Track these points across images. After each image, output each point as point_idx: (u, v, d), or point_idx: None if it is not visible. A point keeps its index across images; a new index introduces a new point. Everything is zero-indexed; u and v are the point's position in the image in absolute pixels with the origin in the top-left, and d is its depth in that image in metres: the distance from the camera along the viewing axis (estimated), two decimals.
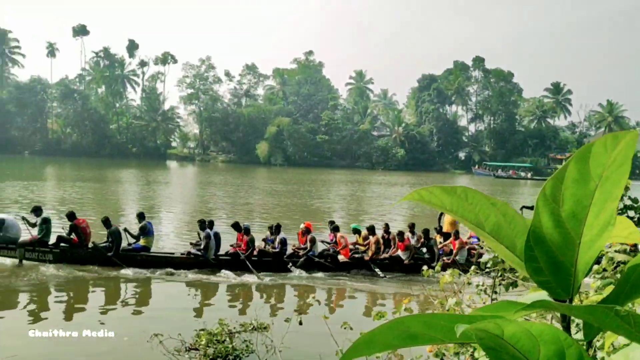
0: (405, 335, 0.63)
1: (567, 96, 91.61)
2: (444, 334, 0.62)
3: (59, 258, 11.36)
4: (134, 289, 10.40)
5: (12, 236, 11.36)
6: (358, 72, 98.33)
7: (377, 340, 0.64)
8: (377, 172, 73.14)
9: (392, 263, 12.07)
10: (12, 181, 32.69)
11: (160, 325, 7.75)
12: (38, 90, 79.50)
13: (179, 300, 9.92)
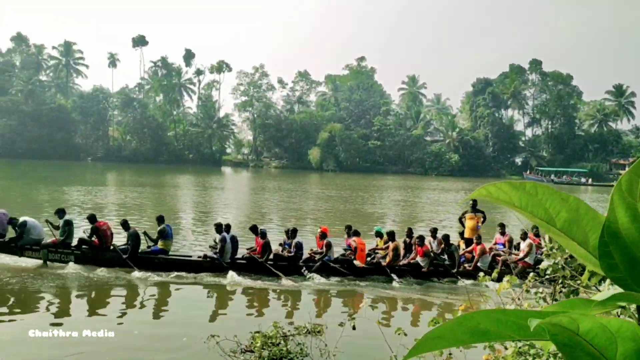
0: (475, 331, 0.62)
1: (630, 99, 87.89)
2: (514, 331, 0.61)
3: (81, 259, 11.63)
4: (150, 291, 10.42)
5: (36, 237, 11.76)
6: (411, 77, 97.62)
7: (446, 336, 0.63)
8: (430, 177, 72.26)
9: (411, 270, 11.73)
10: (76, 186, 34.24)
11: (172, 329, 7.93)
12: (100, 99, 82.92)
13: (193, 302, 9.96)
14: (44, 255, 11.65)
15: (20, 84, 79.79)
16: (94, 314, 8.96)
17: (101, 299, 9.89)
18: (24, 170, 50.20)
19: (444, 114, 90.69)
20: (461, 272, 11.64)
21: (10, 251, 11.78)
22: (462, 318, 0.61)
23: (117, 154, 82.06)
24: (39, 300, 9.44)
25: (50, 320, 8.42)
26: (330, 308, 10.10)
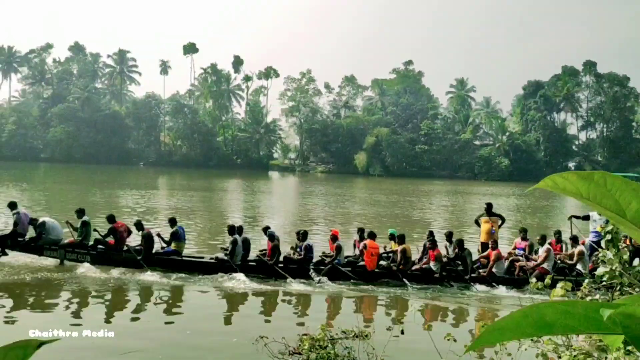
0: (540, 323, 0.61)
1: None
2: (582, 323, 0.59)
3: (96, 260, 11.90)
4: (163, 293, 10.50)
5: (54, 238, 12.11)
6: (459, 80, 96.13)
7: (510, 328, 0.62)
8: (479, 182, 70.92)
9: (423, 275, 11.41)
10: (130, 190, 35.36)
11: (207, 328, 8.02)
12: (152, 105, 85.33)
13: (206, 306, 9.97)
14: (61, 255, 12.04)
15: (77, 91, 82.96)
16: (133, 314, 9.20)
17: (120, 300, 10.07)
18: (80, 175, 52.13)
19: (494, 117, 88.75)
20: (474, 277, 11.32)
21: (30, 250, 12.19)
22: (528, 310, 0.60)
23: (168, 158, 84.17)
24: (57, 300, 9.70)
25: (98, 319, 8.71)
26: (371, 313, 10.04)
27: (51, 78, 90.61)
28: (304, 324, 8.59)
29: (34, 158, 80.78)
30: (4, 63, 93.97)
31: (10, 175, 46.45)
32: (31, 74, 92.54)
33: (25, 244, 12.23)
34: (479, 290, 11.01)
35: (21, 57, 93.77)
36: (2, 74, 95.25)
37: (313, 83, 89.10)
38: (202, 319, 8.99)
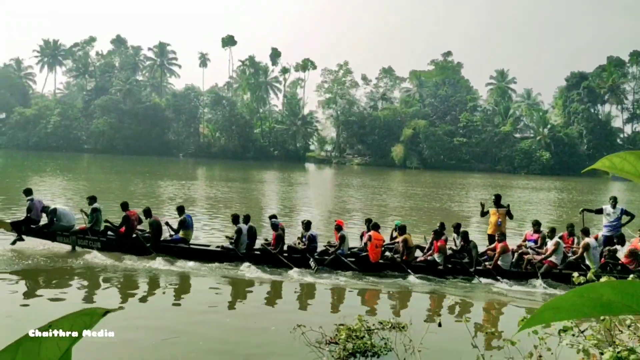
0: (597, 302, 0.59)
1: None
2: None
3: (106, 246, 12.18)
4: (172, 280, 10.61)
5: (66, 224, 12.48)
6: (499, 71, 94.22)
7: (565, 307, 0.60)
8: (519, 176, 69.56)
9: (427, 267, 11.28)
10: (170, 180, 36.10)
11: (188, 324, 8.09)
12: (192, 97, 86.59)
13: (211, 293, 9.99)
14: (73, 241, 12.40)
15: (119, 83, 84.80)
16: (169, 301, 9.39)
17: (152, 286, 10.28)
18: (122, 165, 53.38)
19: (535, 109, 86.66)
20: (479, 270, 11.11)
21: (44, 236, 12.58)
22: (584, 289, 0.58)
23: (206, 150, 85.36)
24: (71, 285, 9.95)
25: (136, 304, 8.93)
26: (403, 305, 9.99)
27: (94, 71, 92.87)
28: (319, 313, 8.64)
29: (77, 149, 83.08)
30: (50, 56, 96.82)
31: (56, 166, 47.93)
32: (75, 66, 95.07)
33: (39, 230, 12.60)
34: (483, 283, 10.83)
35: (65, 51, 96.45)
36: (48, 66, 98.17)
37: (350, 75, 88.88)
38: (227, 306, 9.12)
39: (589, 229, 11.42)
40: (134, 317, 8.06)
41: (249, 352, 6.99)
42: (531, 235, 11.98)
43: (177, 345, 7.07)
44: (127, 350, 6.81)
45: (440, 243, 11.22)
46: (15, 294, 9.05)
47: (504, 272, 11.02)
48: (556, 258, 10.94)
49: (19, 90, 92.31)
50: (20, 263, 11.05)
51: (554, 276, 10.90)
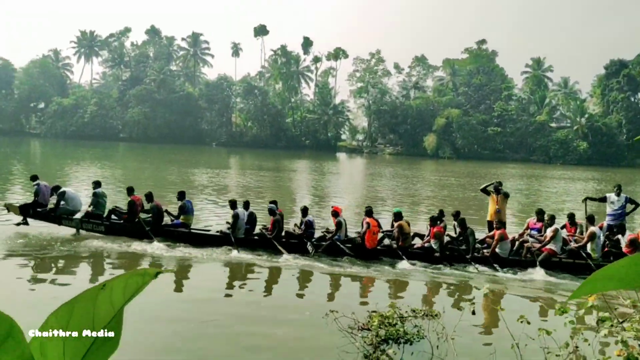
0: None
1: None
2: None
3: (110, 230, 12.48)
4: (175, 263, 10.82)
5: (72, 208, 12.81)
6: (535, 59, 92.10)
7: (616, 276, 0.58)
8: (555, 166, 68.13)
9: (424, 253, 11.23)
10: (204, 169, 36.64)
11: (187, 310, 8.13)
12: (224, 87, 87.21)
13: (212, 279, 10.09)
14: (77, 224, 12.70)
15: (154, 73, 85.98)
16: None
17: (181, 274, 10.44)
18: (156, 154, 54.28)
19: (572, 98, 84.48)
20: (476, 257, 10.99)
21: (50, 220, 12.91)
22: (635, 258, 0.56)
23: (239, 139, 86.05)
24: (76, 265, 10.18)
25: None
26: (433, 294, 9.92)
27: (129, 61, 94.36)
28: (341, 302, 8.65)
29: (113, 138, 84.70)
30: (86, 47, 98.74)
31: (93, 154, 49.02)
32: (111, 57, 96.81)
33: (45, 214, 12.96)
34: (479, 271, 10.74)
35: (101, 41, 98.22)
36: (85, 57, 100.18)
37: (382, 64, 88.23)
38: (256, 292, 9.23)
39: (594, 217, 11.25)
40: (158, 307, 8.23)
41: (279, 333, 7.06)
42: (534, 224, 11.84)
43: (213, 328, 7.19)
44: (157, 340, 6.97)
45: (436, 229, 11.18)
46: (19, 277, 9.32)
47: (501, 260, 10.95)
48: (555, 245, 10.82)
49: (57, 80, 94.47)
50: (24, 247, 11.38)
51: (554, 264, 10.81)
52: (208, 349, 6.62)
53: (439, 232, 11.15)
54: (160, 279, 0.65)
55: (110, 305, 0.71)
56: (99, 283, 0.71)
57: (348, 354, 6.16)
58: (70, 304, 0.71)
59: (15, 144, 61.59)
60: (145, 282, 0.72)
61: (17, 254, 10.73)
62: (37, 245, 11.62)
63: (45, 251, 11.18)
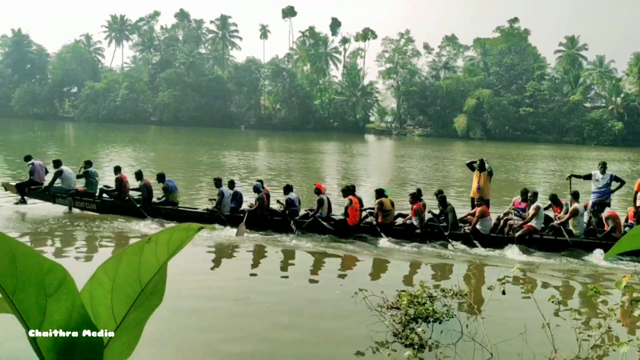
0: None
1: None
2: None
3: (101, 208, 12.93)
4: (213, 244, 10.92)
5: (66, 187, 13.18)
6: (570, 38, 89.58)
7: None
8: (589, 147, 66.60)
9: (405, 231, 11.25)
10: (233, 151, 37.00)
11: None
12: (253, 70, 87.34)
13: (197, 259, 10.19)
14: (70, 202, 13.11)
15: (183, 57, 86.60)
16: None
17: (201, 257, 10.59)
18: (187, 137, 54.89)
19: (608, 77, 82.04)
20: (455, 234, 10.98)
21: (45, 198, 13.36)
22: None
23: (267, 122, 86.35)
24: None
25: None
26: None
27: (159, 44, 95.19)
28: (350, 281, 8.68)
29: (144, 121, 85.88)
30: (117, 31, 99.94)
31: (126, 138, 49.85)
32: (141, 41, 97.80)
33: (40, 192, 13.40)
34: (457, 249, 10.73)
35: (132, 25, 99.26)
36: (115, 41, 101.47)
37: (411, 44, 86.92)
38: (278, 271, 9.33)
39: (578, 193, 11.15)
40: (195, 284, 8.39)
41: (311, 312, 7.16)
42: (519, 203, 11.82)
43: (248, 306, 7.33)
44: (200, 318, 7.12)
45: (416, 206, 11.16)
46: None
47: (482, 237, 10.90)
48: (536, 223, 10.80)
49: (89, 65, 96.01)
50: (19, 225, 11.80)
51: (533, 241, 10.77)
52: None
53: (418, 208, 11.17)
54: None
55: (156, 258, 0.73)
56: (145, 237, 0.74)
57: (377, 333, 6.21)
58: (118, 257, 0.74)
59: (49, 128, 63.01)
60: (188, 237, 0.75)
61: (14, 232, 11.06)
62: (32, 222, 12.11)
63: (41, 228, 11.56)
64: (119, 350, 0.75)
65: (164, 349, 5.83)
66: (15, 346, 5.45)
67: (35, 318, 0.68)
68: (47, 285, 0.68)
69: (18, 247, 0.66)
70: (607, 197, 11.75)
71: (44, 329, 0.69)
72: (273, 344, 6.21)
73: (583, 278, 9.34)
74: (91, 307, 0.73)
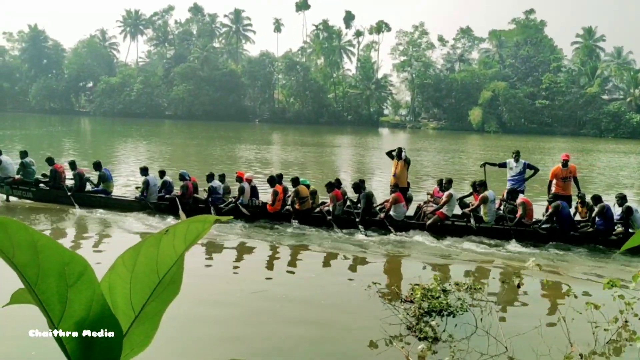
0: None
1: None
2: None
3: (38, 196, 13.37)
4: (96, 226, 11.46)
5: (3, 176, 13.38)
6: (587, 29, 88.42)
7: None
8: (606, 140, 65.76)
9: (321, 218, 11.67)
10: (248, 144, 37.13)
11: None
12: (266, 63, 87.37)
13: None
14: (7, 191, 13.40)
15: (197, 51, 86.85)
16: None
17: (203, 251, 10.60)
18: (201, 131, 55.11)
19: (626, 69, 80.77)
20: (367, 220, 11.38)
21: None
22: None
23: (281, 115, 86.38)
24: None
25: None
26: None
27: (173, 39, 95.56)
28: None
29: (159, 115, 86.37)
30: (132, 26, 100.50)
31: (143, 132, 50.20)
32: (155, 35, 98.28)
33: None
34: (365, 234, 11.01)
35: (146, 20, 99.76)
36: (130, 36, 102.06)
37: (426, 36, 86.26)
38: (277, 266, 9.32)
39: (485, 182, 11.45)
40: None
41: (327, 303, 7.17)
42: (438, 192, 12.22)
43: (262, 299, 7.36)
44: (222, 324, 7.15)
45: (333, 193, 11.53)
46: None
47: (395, 223, 11.23)
48: (448, 210, 11.11)
49: (105, 59, 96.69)
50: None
51: (443, 227, 11.07)
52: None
53: (333, 195, 11.54)
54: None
55: (173, 249, 0.75)
56: (163, 228, 0.75)
57: (391, 325, 6.21)
58: (137, 248, 0.75)
59: (66, 123, 63.62)
60: (205, 229, 0.76)
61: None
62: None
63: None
64: (138, 339, 0.76)
65: (171, 346, 5.87)
66: (14, 345, 5.50)
67: (56, 308, 0.69)
68: (67, 276, 0.69)
69: (40, 239, 0.67)
70: (520, 185, 12.17)
71: (65, 319, 0.70)
72: (284, 339, 6.22)
73: (501, 263, 9.26)
74: (110, 297, 0.75)
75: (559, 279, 8.56)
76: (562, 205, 10.82)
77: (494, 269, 9.30)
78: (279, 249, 10.18)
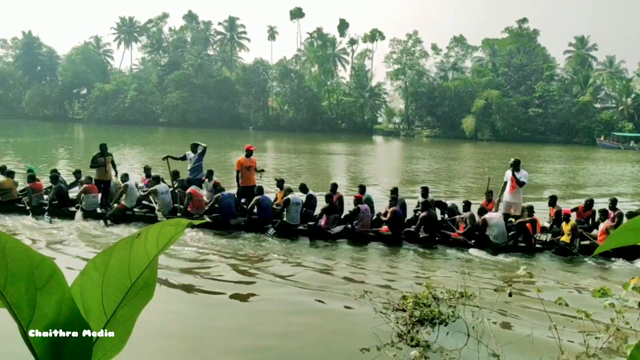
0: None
1: None
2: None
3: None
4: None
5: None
6: (579, 38, 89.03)
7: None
8: (599, 148, 66.16)
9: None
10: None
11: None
12: (260, 71, 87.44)
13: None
14: None
15: (191, 58, 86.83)
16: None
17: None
18: (195, 138, 54.73)
19: (618, 78, 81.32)
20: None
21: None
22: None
23: (275, 123, 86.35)
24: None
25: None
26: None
27: (167, 46, 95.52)
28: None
29: (153, 122, 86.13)
30: (126, 33, 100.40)
31: (136, 139, 50.07)
32: (149, 42, 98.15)
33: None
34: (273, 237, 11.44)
35: (140, 27, 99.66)
36: (124, 43, 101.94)
37: (420, 45, 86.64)
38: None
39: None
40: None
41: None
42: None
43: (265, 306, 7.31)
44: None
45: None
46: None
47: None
48: (126, 200, 12.30)
49: (99, 66, 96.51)
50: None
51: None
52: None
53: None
54: None
55: (145, 253, 0.75)
56: (135, 232, 0.74)
57: (383, 332, 6.19)
58: (108, 252, 0.74)
59: (60, 130, 63.40)
60: (177, 233, 0.76)
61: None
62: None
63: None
64: (110, 344, 0.76)
65: (173, 342, 5.83)
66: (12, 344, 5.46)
67: (25, 311, 0.69)
68: (37, 279, 0.69)
69: (8, 241, 0.67)
70: (198, 174, 13.82)
71: (35, 323, 0.70)
72: (275, 345, 6.19)
73: (493, 272, 9.26)
74: (82, 301, 0.74)
75: (550, 286, 8.57)
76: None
77: (485, 277, 9.30)
78: (268, 258, 10.15)
